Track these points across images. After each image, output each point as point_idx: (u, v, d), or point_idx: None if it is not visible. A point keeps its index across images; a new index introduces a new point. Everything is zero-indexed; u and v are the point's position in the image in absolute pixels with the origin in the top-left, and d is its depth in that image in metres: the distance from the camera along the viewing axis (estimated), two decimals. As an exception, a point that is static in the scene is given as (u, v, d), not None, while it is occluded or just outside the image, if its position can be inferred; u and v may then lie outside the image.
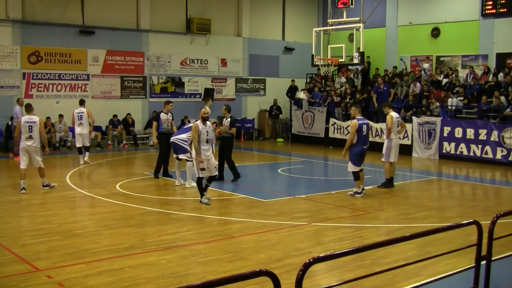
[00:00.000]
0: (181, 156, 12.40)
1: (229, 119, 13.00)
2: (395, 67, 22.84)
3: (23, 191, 11.63)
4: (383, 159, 12.78)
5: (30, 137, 11.59)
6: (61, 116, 19.64)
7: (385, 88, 20.82)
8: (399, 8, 24.18)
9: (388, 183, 12.78)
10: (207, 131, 10.59)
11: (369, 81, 23.19)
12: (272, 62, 26.33)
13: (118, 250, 7.55)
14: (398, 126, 12.77)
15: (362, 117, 11.89)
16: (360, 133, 11.54)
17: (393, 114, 12.75)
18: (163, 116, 13.43)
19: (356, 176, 11.66)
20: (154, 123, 13.75)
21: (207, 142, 10.55)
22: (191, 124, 12.47)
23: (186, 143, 12.24)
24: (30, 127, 11.58)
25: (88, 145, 15.94)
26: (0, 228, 8.79)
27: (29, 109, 11.96)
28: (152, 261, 7.13)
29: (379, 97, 20.66)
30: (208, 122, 10.73)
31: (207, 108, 11.42)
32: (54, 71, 20.18)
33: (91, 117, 15.85)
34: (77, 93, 20.50)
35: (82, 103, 16.01)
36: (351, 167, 11.70)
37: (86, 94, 20.63)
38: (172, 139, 12.54)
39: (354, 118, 11.89)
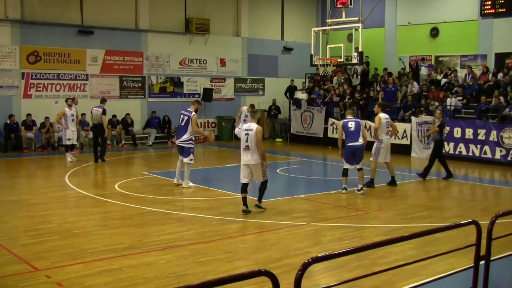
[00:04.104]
0: (185, 160, 12.38)
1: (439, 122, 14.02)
2: (387, 72, 22.64)
3: None
4: (371, 159, 12.85)
5: None
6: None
7: (393, 89, 20.85)
8: (398, 8, 24.18)
9: (371, 183, 12.74)
10: (246, 134, 9.82)
11: (369, 81, 23.20)
12: (271, 62, 26.33)
13: (117, 250, 7.55)
14: (388, 127, 12.85)
15: (351, 117, 12.21)
16: (347, 131, 11.86)
17: (382, 115, 12.82)
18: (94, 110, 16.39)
19: (344, 172, 11.97)
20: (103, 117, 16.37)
21: (246, 148, 9.78)
22: (185, 118, 12.36)
23: (190, 142, 12.28)
24: None
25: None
26: (-1, 228, 8.79)
27: None
28: (151, 261, 7.13)
29: (385, 95, 20.73)
30: (250, 124, 9.90)
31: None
32: (53, 71, 20.17)
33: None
34: (76, 93, 20.47)
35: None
36: (344, 163, 12.04)
37: (85, 94, 20.64)
38: (178, 143, 12.52)
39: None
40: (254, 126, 9.86)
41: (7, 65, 19.22)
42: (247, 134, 9.82)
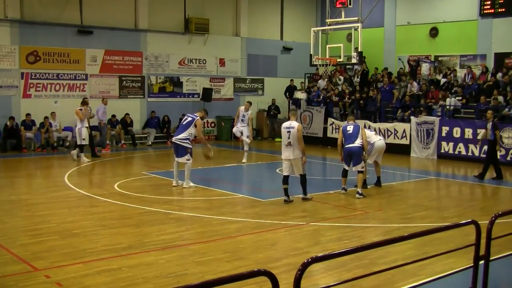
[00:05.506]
0: (180, 160, 12.38)
1: (491, 123, 14.15)
2: (387, 73, 22.60)
3: None
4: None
5: None
6: (53, 113, 19.59)
7: (387, 88, 20.87)
8: (397, 7, 24.18)
9: (364, 183, 12.75)
10: (288, 131, 10.71)
11: (368, 81, 23.19)
12: (271, 62, 26.32)
13: (116, 250, 7.54)
14: (373, 130, 13.05)
15: (352, 122, 12.24)
16: (345, 134, 12.00)
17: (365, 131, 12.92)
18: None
19: (343, 173, 12.06)
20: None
21: (289, 144, 10.74)
22: (189, 119, 12.43)
23: (187, 141, 12.27)
24: None
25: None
26: (-2, 228, 8.78)
27: None
28: (151, 260, 7.13)
29: (382, 95, 20.75)
30: (291, 122, 10.79)
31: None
32: (53, 71, 20.15)
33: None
34: (76, 93, 20.47)
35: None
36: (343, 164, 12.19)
37: (84, 94, 20.60)
38: (174, 139, 12.53)
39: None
40: (295, 124, 10.79)
41: (7, 65, 19.20)
42: (289, 131, 10.71)
